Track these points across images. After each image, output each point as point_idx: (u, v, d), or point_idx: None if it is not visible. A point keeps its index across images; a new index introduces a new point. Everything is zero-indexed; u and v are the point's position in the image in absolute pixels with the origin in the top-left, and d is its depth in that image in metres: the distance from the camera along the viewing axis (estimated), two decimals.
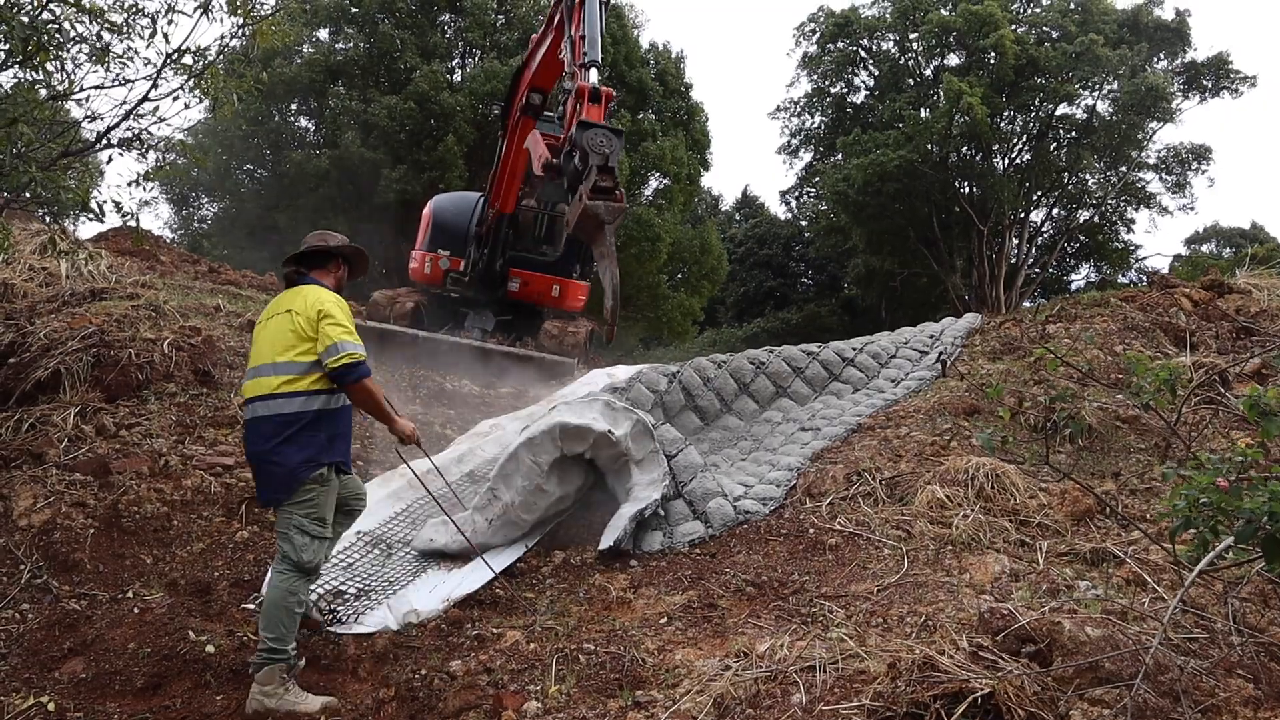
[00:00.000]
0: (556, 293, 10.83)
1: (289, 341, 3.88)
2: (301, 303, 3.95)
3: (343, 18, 24.22)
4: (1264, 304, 8.37)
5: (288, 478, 3.81)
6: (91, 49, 6.45)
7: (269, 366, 3.88)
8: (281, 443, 3.80)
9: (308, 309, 3.91)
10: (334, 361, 3.81)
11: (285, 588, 3.80)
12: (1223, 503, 2.90)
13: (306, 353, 3.87)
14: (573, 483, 5.30)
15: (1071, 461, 5.54)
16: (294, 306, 3.94)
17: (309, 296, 3.97)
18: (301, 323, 3.88)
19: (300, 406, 3.84)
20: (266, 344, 3.94)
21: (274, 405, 3.83)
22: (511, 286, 10.61)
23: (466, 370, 8.84)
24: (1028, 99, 26.32)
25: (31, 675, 3.88)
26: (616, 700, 3.34)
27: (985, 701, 2.70)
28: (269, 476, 3.86)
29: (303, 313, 3.90)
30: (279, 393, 3.84)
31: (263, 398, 3.86)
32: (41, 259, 9.19)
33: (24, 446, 5.50)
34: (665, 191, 26.21)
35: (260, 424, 3.85)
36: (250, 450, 3.92)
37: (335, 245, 4.22)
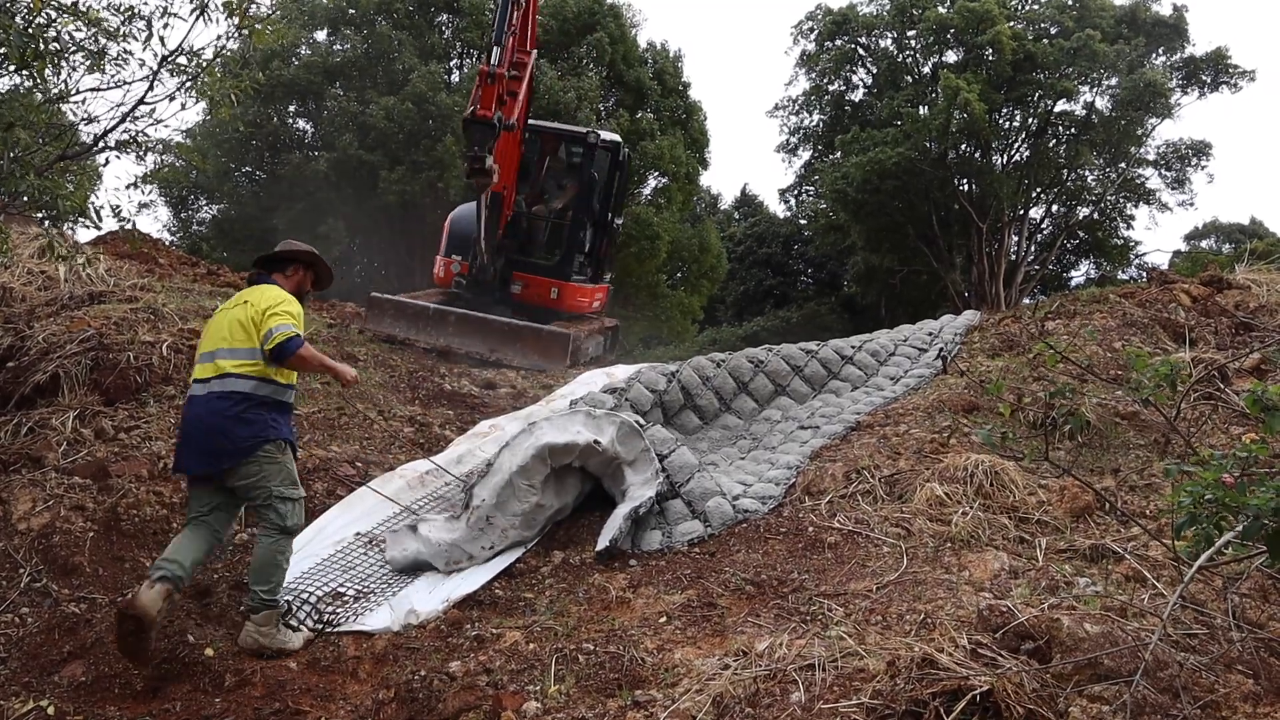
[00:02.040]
0: (555, 295, 11.04)
1: (242, 330, 4.19)
2: (259, 297, 4.29)
3: (340, 19, 24.21)
4: (1263, 299, 8.35)
5: (235, 450, 4.09)
6: (87, 53, 6.44)
7: (225, 351, 4.18)
8: (232, 418, 4.09)
9: (263, 302, 4.24)
10: (269, 344, 4.14)
11: (275, 549, 4.18)
12: (1228, 499, 2.89)
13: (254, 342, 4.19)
14: (570, 491, 5.35)
15: (1071, 458, 5.54)
16: (251, 299, 4.28)
17: (267, 293, 4.33)
18: (254, 314, 4.21)
19: (251, 389, 4.15)
20: (222, 331, 4.24)
21: (228, 384, 4.13)
22: (514, 289, 10.87)
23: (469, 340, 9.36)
24: (1026, 95, 26.30)
25: (31, 679, 3.89)
26: (616, 700, 3.34)
27: (984, 699, 2.70)
28: (215, 447, 4.10)
29: (257, 305, 4.23)
30: (232, 373, 4.14)
31: (217, 377, 4.15)
32: (40, 262, 9.17)
33: (23, 450, 5.50)
34: (664, 190, 26.21)
35: (212, 400, 4.12)
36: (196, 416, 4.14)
37: (295, 251, 4.60)
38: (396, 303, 9.81)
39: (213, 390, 4.14)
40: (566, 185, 11.83)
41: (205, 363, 4.24)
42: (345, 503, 5.43)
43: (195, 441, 4.14)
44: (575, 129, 12.68)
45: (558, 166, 12.12)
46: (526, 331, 9.59)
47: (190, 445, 4.16)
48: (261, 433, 4.15)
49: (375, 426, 6.92)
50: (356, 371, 4.67)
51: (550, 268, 11.23)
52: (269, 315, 4.19)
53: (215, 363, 4.18)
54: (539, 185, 12.01)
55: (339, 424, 6.80)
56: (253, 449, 4.12)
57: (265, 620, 4.11)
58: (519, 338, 9.52)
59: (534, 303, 10.91)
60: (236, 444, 4.10)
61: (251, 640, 4.10)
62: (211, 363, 4.20)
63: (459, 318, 9.62)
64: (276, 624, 4.14)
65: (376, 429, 6.88)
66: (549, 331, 9.64)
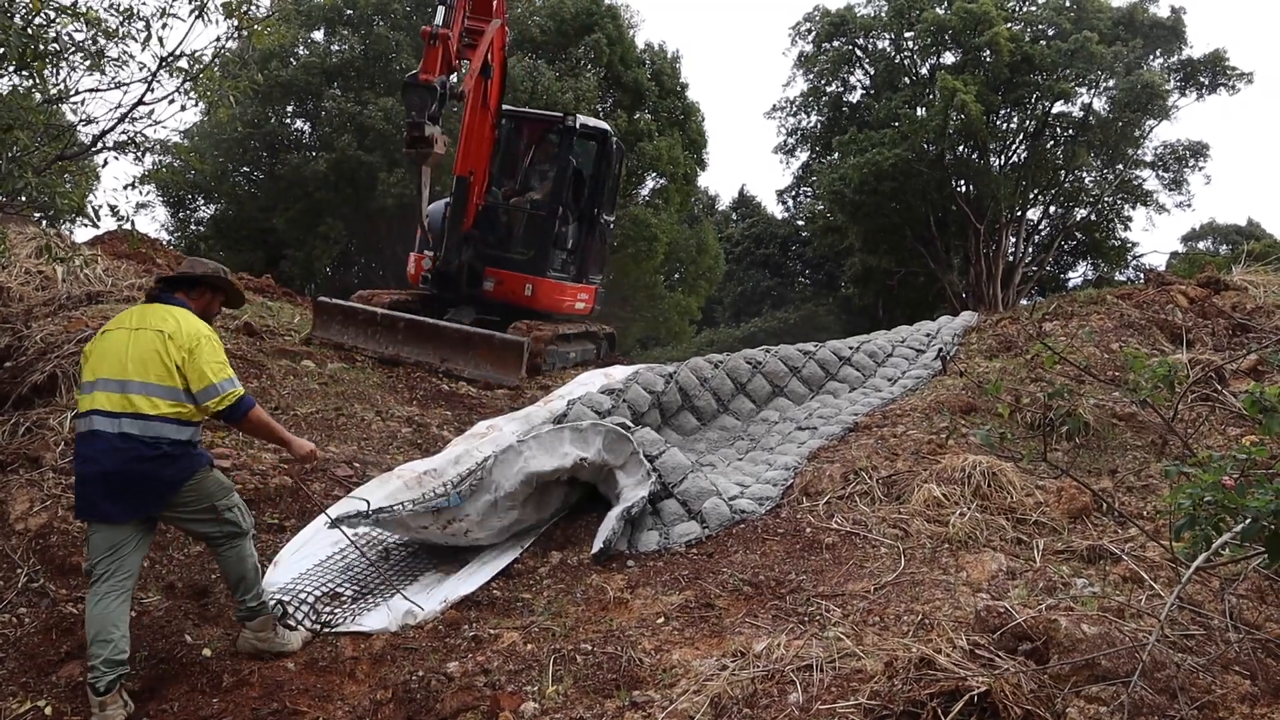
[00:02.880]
0: (529, 291, 10.28)
1: (162, 366, 3.78)
2: (175, 326, 3.86)
3: (337, 19, 24.21)
4: (1260, 300, 8.37)
5: (166, 489, 3.81)
6: (86, 54, 6.44)
7: (139, 385, 3.76)
8: (158, 461, 3.75)
9: (183, 337, 3.83)
10: (216, 404, 3.82)
11: (240, 554, 4.03)
12: (1227, 501, 2.90)
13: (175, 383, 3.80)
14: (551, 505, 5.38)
15: (1068, 459, 5.55)
16: (166, 329, 3.84)
17: (184, 323, 3.89)
18: (174, 349, 3.80)
19: (174, 434, 3.79)
20: (133, 359, 3.79)
21: (150, 428, 3.74)
22: (487, 285, 10.19)
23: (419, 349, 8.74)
24: (1023, 97, 26.33)
25: (29, 679, 3.88)
26: (614, 700, 3.34)
27: (982, 699, 2.70)
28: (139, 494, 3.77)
29: (176, 339, 3.82)
30: (156, 415, 3.75)
31: (131, 416, 3.73)
32: (38, 262, 9.17)
33: (20, 450, 5.50)
34: (662, 191, 26.23)
35: (130, 444, 3.71)
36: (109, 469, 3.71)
37: (202, 273, 4.17)
38: (345, 308, 9.12)
39: (127, 431, 3.71)
40: (545, 174, 11.04)
41: (110, 391, 3.76)
42: (342, 504, 5.42)
43: (113, 490, 3.73)
44: (551, 113, 11.94)
45: (543, 156, 11.38)
46: (479, 339, 8.87)
47: (107, 494, 3.73)
48: (189, 466, 3.84)
49: (373, 427, 6.92)
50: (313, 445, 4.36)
51: (524, 263, 10.45)
52: (200, 359, 3.81)
53: (127, 397, 3.74)
54: (522, 176, 11.29)
55: (336, 424, 6.80)
56: (183, 482, 3.83)
57: (261, 625, 4.06)
58: (471, 346, 8.83)
59: (506, 300, 10.17)
60: (166, 483, 3.79)
61: (250, 646, 4.07)
62: (121, 395, 3.74)
63: (408, 324, 8.92)
64: (273, 626, 4.10)
65: (374, 429, 6.89)
66: (502, 340, 8.89)
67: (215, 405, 3.82)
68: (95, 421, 3.74)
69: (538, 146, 11.44)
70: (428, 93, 7.81)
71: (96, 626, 3.67)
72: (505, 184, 11.06)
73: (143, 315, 3.94)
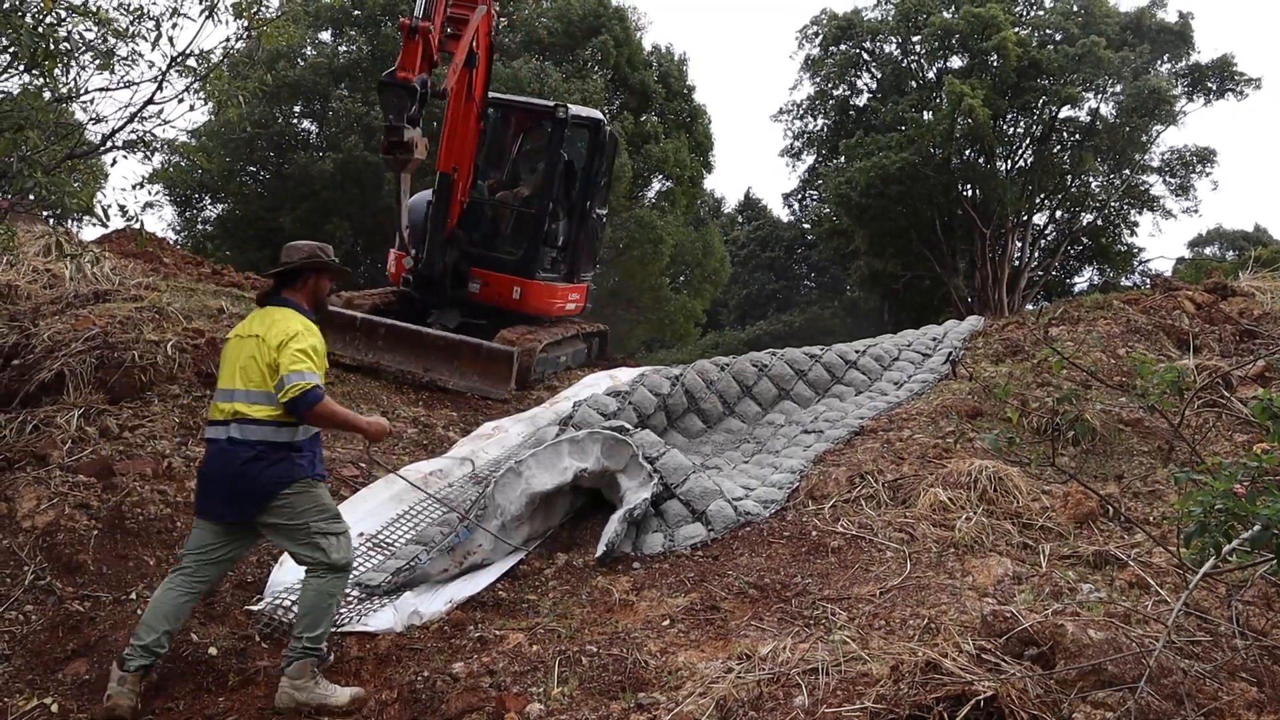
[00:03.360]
0: (518, 294, 9.59)
1: (258, 371, 3.85)
2: (270, 328, 3.91)
3: (345, 20, 24.25)
4: (1267, 307, 8.35)
5: (261, 493, 3.81)
6: (96, 53, 6.46)
7: (242, 394, 3.86)
8: (253, 461, 3.79)
9: (273, 338, 3.87)
10: (283, 396, 3.78)
11: (324, 590, 3.85)
12: (1238, 509, 2.89)
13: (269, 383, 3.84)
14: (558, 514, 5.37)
15: (1074, 464, 5.54)
16: (263, 333, 3.90)
17: (277, 325, 3.92)
18: (267, 352, 3.85)
19: (271, 436, 3.83)
20: (238, 368, 3.91)
21: (246, 430, 3.82)
22: (473, 287, 9.55)
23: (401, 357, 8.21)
24: (1030, 101, 26.30)
25: (35, 676, 3.90)
26: (619, 702, 3.35)
27: (988, 704, 2.70)
28: (239, 494, 3.83)
29: (269, 341, 3.86)
30: (250, 418, 3.82)
31: (235, 421, 3.83)
32: (46, 261, 9.20)
33: (28, 448, 5.51)
34: (668, 194, 26.22)
35: (234, 446, 3.82)
36: (216, 470, 3.87)
37: (300, 261, 4.12)
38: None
39: (231, 436, 3.84)
40: (538, 168, 10.25)
41: (223, 402, 3.93)
42: (349, 503, 5.44)
43: (219, 490, 3.88)
44: (542, 102, 11.16)
45: (530, 147, 10.61)
46: (465, 349, 8.29)
47: (214, 493, 3.90)
48: (287, 472, 3.84)
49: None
50: (388, 423, 4.32)
51: (513, 263, 9.73)
52: (284, 353, 3.81)
53: (233, 405, 3.87)
54: (510, 169, 10.57)
55: None
56: (276, 491, 3.82)
57: (300, 672, 3.76)
58: (457, 355, 8.26)
59: (494, 303, 9.57)
60: (261, 486, 3.81)
61: (288, 699, 3.73)
62: (230, 403, 3.88)
63: (389, 330, 8.28)
64: (313, 675, 3.80)
65: None
66: (490, 349, 8.28)
67: (283, 398, 3.77)
68: (209, 430, 3.97)
69: (526, 137, 10.77)
70: (407, 93, 7.23)
71: (152, 611, 3.80)
72: (491, 176, 10.44)
73: (250, 322, 4.03)
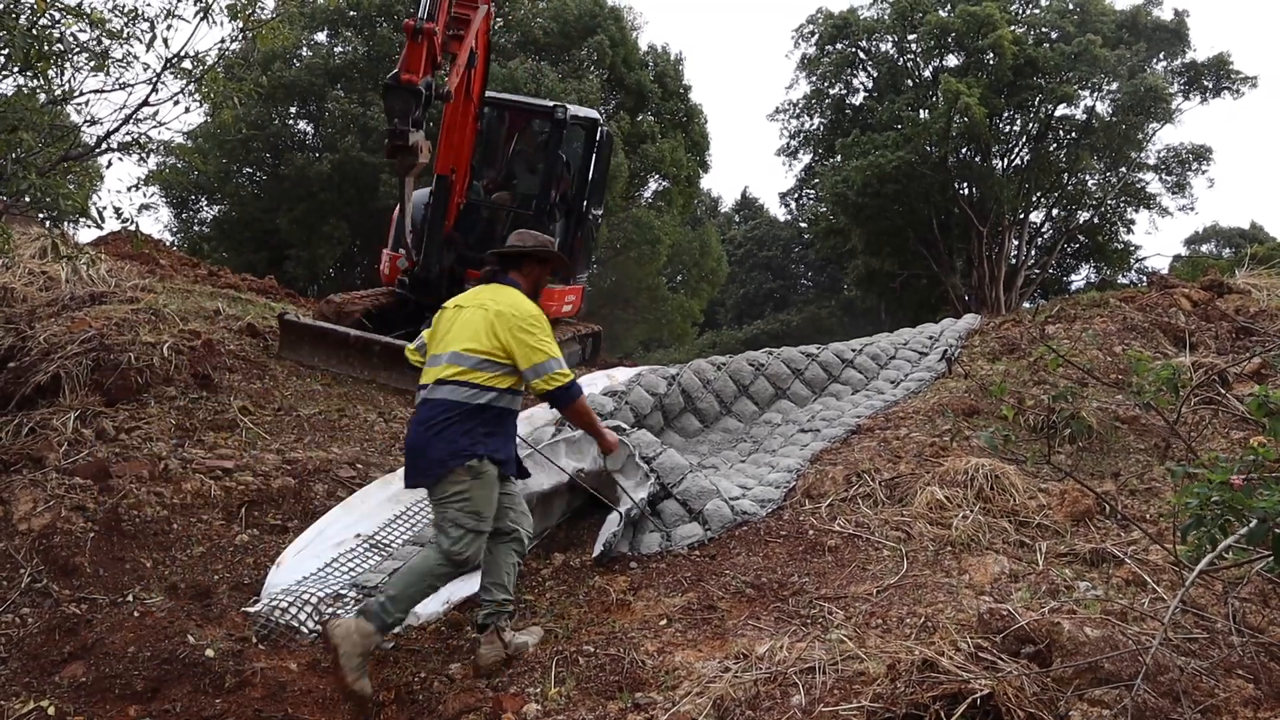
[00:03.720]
0: None
1: (479, 336, 3.88)
2: (504, 303, 3.96)
3: (341, 21, 24.23)
4: (1263, 304, 8.36)
5: (434, 465, 3.82)
6: (91, 54, 6.45)
7: (450, 355, 3.90)
8: (436, 431, 3.81)
9: (511, 313, 3.91)
10: (545, 383, 3.87)
11: (428, 569, 3.82)
12: (1234, 502, 2.89)
13: (494, 352, 3.88)
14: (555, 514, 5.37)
15: (1071, 462, 5.54)
16: (496, 305, 3.95)
17: (514, 301, 3.98)
18: (499, 325, 3.88)
19: (465, 398, 3.84)
20: (454, 333, 3.95)
21: (442, 391, 3.86)
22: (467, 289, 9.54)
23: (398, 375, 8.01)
24: (1026, 100, 26.31)
25: (32, 679, 3.88)
26: (616, 702, 3.35)
27: (985, 702, 2.70)
28: (416, 461, 3.89)
29: (505, 314, 3.90)
30: (449, 379, 3.86)
31: (436, 383, 3.89)
32: (41, 263, 9.19)
33: (24, 450, 5.50)
34: (664, 194, 26.24)
35: (426, 407, 3.89)
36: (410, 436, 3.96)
37: (532, 246, 4.22)
38: (314, 330, 8.27)
39: (428, 398, 3.91)
40: (536, 169, 10.22)
41: (431, 366, 3.99)
42: (346, 504, 5.43)
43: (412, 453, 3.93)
44: (541, 102, 11.07)
45: (527, 147, 10.60)
46: None
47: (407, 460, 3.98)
48: (469, 448, 3.82)
49: (376, 428, 6.93)
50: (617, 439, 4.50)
51: None
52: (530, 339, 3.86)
53: (449, 366, 3.90)
54: (505, 169, 10.49)
55: (339, 426, 6.81)
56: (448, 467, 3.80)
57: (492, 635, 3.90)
58: None
59: None
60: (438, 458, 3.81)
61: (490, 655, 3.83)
62: (439, 366, 3.92)
63: (384, 348, 8.13)
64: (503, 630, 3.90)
65: (377, 430, 6.89)
66: None
67: (544, 384, 3.88)
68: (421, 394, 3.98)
69: (522, 136, 10.72)
70: (411, 95, 7.10)
71: None
72: (486, 176, 10.32)
73: (476, 294, 4.07)
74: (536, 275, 4.24)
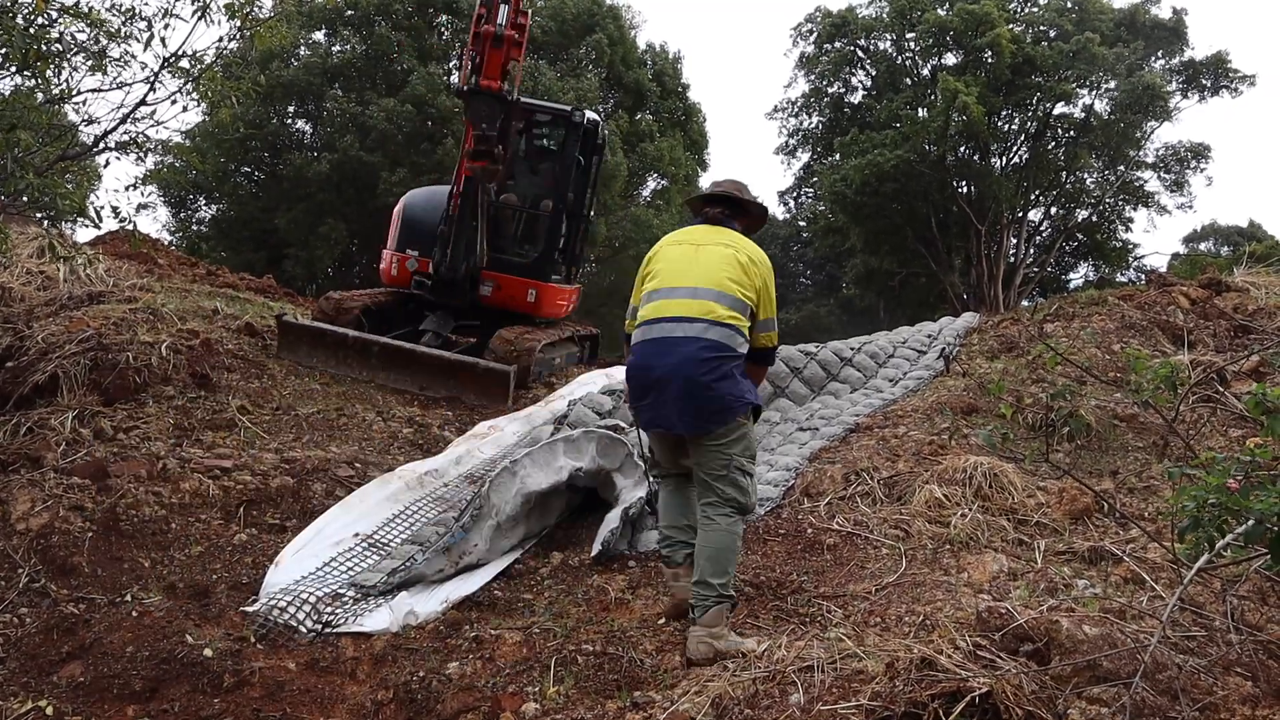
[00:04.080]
0: (533, 298, 9.48)
1: (737, 277, 3.71)
2: (748, 248, 3.82)
3: (339, 20, 24.23)
4: (1262, 302, 8.37)
5: (725, 409, 3.62)
6: (88, 54, 6.45)
7: (713, 291, 3.67)
8: (720, 375, 3.60)
9: (762, 260, 3.81)
10: (768, 340, 3.83)
11: (733, 530, 3.67)
12: (1231, 503, 2.89)
13: (749, 296, 3.73)
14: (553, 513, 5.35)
15: (1070, 460, 5.55)
16: (738, 247, 3.80)
17: (755, 248, 3.85)
18: (751, 269, 3.75)
19: (739, 345, 3.69)
20: (704, 268, 3.72)
21: (719, 333, 3.63)
22: (484, 290, 9.35)
23: (395, 375, 8.12)
24: (1025, 98, 26.34)
25: (30, 679, 3.88)
26: (615, 701, 3.35)
27: (983, 700, 2.70)
28: (703, 403, 3.62)
29: (754, 260, 3.78)
30: (725, 322, 3.64)
31: (706, 321, 3.62)
32: (39, 262, 9.18)
33: (21, 450, 5.50)
34: (663, 192, 26.27)
35: (697, 346, 3.60)
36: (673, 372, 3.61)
37: (749, 200, 4.06)
38: (312, 330, 8.29)
39: (703, 337, 3.59)
40: (542, 169, 10.23)
41: (684, 299, 3.67)
42: (344, 503, 5.43)
43: (678, 396, 3.61)
44: (558, 105, 11.15)
45: (532, 147, 10.58)
46: (462, 368, 8.20)
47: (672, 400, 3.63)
48: (745, 394, 3.68)
49: (374, 427, 6.92)
50: None
51: (527, 266, 9.59)
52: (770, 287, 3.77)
53: (703, 302, 3.63)
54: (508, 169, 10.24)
55: (338, 425, 6.80)
56: (736, 412, 3.63)
57: (717, 619, 3.53)
58: (453, 375, 8.17)
59: (507, 306, 9.41)
60: (724, 404, 3.59)
61: (705, 648, 3.45)
62: (696, 300, 3.64)
63: (383, 348, 8.17)
64: (726, 621, 3.59)
65: (375, 430, 6.89)
66: (486, 368, 8.16)
67: (768, 341, 3.85)
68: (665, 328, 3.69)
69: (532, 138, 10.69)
70: (497, 102, 6.99)
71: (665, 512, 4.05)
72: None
73: (704, 234, 3.90)
74: (745, 226, 4.07)
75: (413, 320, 9.21)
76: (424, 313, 9.33)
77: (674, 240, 3.97)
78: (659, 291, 3.79)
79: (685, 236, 3.95)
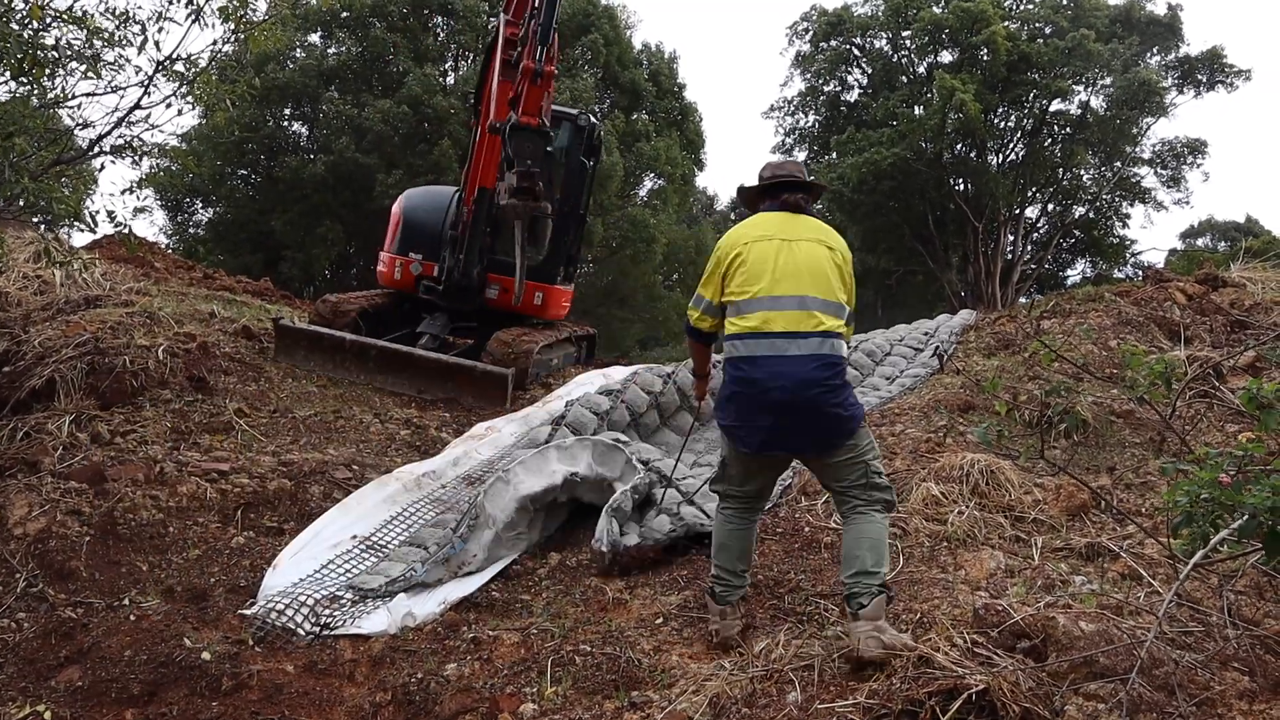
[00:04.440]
0: (539, 300, 9.58)
1: (836, 280, 3.57)
2: (838, 243, 3.66)
3: (334, 21, 24.21)
4: (1258, 297, 8.39)
5: (850, 420, 3.49)
6: (83, 58, 6.45)
7: (819, 301, 3.50)
8: (840, 390, 3.47)
9: (846, 256, 3.67)
10: (849, 333, 3.66)
11: (886, 525, 3.55)
12: (1225, 498, 2.90)
13: (848, 300, 3.62)
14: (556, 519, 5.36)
15: (1066, 456, 5.55)
16: (829, 242, 3.63)
17: (839, 241, 3.69)
18: (845, 269, 3.63)
19: (845, 351, 3.59)
20: (808, 273, 3.53)
21: (831, 345, 3.48)
22: (490, 293, 9.36)
23: (393, 379, 8.13)
24: (1021, 95, 26.37)
25: (28, 684, 3.88)
26: (612, 701, 3.35)
27: (980, 697, 2.70)
28: (830, 422, 3.48)
29: (845, 257, 3.66)
30: (836, 332, 3.51)
31: (819, 335, 3.46)
32: (36, 267, 9.17)
33: (19, 455, 5.49)
34: (660, 192, 26.28)
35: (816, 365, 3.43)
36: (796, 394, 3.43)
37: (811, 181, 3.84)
38: (309, 334, 8.28)
39: (818, 354, 3.43)
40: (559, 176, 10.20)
41: (793, 309, 3.47)
42: (342, 506, 5.43)
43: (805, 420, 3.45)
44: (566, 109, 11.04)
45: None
46: (459, 371, 8.21)
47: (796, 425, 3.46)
48: (859, 403, 3.59)
49: (371, 429, 6.92)
50: None
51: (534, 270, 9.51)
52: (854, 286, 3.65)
53: (812, 314, 3.45)
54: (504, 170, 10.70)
55: (335, 427, 6.80)
56: (859, 420, 3.53)
57: (880, 610, 3.29)
58: (450, 378, 8.19)
59: (511, 309, 9.41)
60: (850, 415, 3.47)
61: (876, 643, 3.16)
62: (804, 312, 3.45)
63: (380, 352, 8.18)
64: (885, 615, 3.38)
65: (372, 432, 6.88)
66: (484, 371, 8.19)
67: (851, 330, 3.69)
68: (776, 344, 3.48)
69: None
70: (541, 138, 7.09)
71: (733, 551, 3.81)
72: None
73: (790, 226, 3.66)
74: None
75: (409, 322, 9.19)
76: (420, 314, 9.32)
77: (758, 234, 3.67)
78: (761, 300, 3.54)
79: (769, 229, 3.67)
